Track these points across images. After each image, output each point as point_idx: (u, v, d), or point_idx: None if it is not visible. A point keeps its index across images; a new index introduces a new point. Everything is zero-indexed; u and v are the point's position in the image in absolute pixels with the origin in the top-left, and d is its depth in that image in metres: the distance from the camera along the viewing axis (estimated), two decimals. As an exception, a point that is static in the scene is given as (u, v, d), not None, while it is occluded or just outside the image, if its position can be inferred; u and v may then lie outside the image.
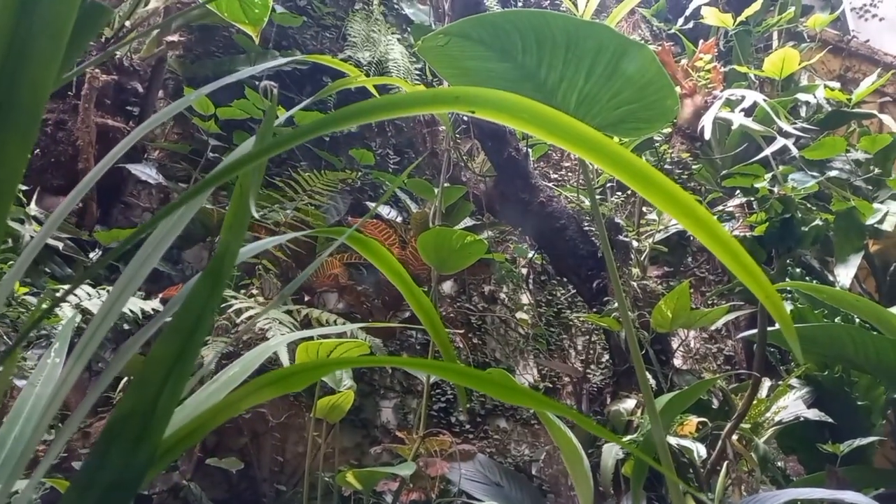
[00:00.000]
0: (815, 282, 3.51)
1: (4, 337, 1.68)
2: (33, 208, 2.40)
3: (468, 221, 3.21)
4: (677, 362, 4.35)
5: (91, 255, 2.42)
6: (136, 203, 2.95)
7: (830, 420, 2.24)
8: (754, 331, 1.99)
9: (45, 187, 2.51)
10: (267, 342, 0.95)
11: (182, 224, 0.71)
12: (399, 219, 3.18)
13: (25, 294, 1.70)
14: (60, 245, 2.37)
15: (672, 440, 1.77)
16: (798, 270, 3.66)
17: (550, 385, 3.92)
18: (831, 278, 3.67)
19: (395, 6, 4.33)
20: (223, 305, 2.05)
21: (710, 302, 4.41)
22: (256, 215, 0.64)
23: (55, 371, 1.05)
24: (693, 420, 2.08)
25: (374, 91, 1.36)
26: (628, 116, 1.58)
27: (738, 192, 3.12)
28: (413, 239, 2.59)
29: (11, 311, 1.65)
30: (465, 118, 3.22)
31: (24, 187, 2.43)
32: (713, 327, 4.48)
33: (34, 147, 2.48)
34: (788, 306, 2.94)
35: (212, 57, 3.55)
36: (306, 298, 2.78)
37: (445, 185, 2.87)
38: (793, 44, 4.57)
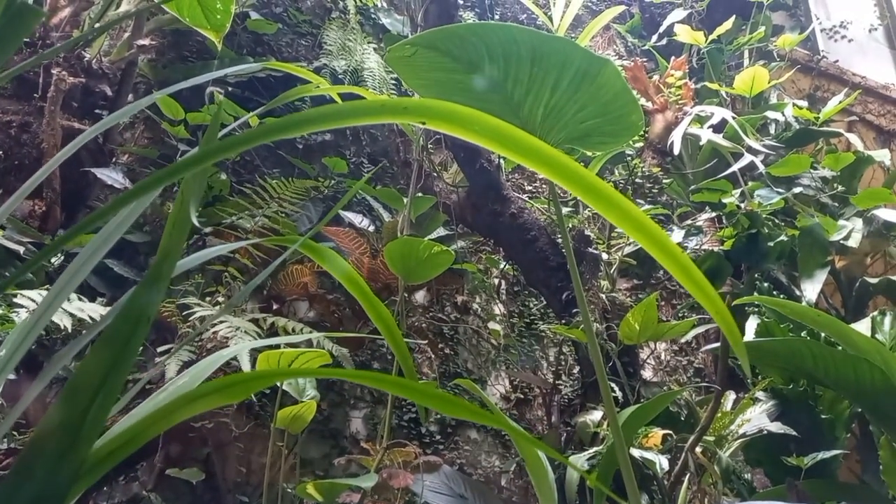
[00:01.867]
0: (782, 296, 3.56)
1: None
2: (-6, 212, 2.35)
3: (441, 231, 3.21)
4: (647, 374, 4.38)
5: (53, 259, 2.37)
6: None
7: (794, 433, 2.27)
8: (717, 344, 2.01)
9: (7, 190, 2.46)
10: (220, 351, 0.94)
11: (124, 228, 0.69)
12: (371, 228, 3.17)
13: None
14: (21, 249, 2.32)
15: (635, 452, 1.78)
16: (766, 285, 3.71)
17: (522, 396, 3.92)
18: (798, 293, 3.73)
19: (372, 16, 4.34)
20: (186, 313, 2.02)
21: (680, 314, 4.45)
22: (197, 223, 0.63)
23: None
24: (658, 432, 2.09)
25: (338, 99, 1.35)
26: (594, 130, 1.60)
27: (707, 206, 3.16)
28: (384, 248, 2.58)
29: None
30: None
31: (-15, 190, 2.38)
32: (683, 340, 4.52)
33: (-3, 149, 2.43)
34: (756, 320, 2.98)
35: (184, 62, 3.52)
36: (275, 307, 2.75)
37: (418, 194, 2.87)
38: (763, 62, 4.66)
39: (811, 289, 3.37)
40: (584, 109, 1.52)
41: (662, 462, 1.77)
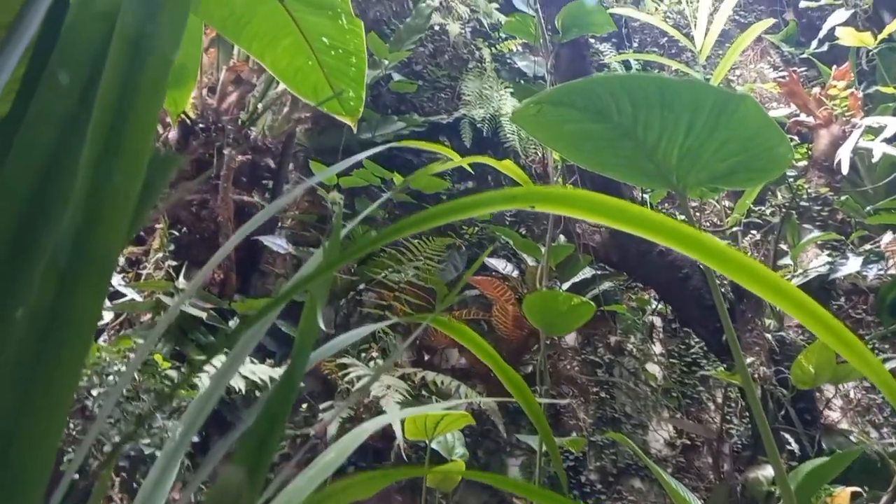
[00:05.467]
0: None
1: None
2: (181, 282, 2.65)
3: (588, 272, 3.14)
4: (835, 415, 3.94)
5: (231, 322, 2.62)
6: (271, 270, 3.18)
7: None
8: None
9: (191, 261, 2.78)
10: (363, 424, 0.99)
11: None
12: (515, 273, 3.18)
13: (167, 369, 1.88)
14: (204, 315, 2.59)
15: (817, 518, 1.60)
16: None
17: (689, 442, 3.68)
18: None
19: (508, 60, 4.42)
20: (342, 372, 2.15)
21: (870, 347, 3.97)
22: (324, 328, 0.68)
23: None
24: (845, 491, 1.88)
25: (468, 168, 1.39)
26: (738, 167, 1.51)
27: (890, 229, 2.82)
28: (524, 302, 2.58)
29: (155, 382, 1.83)
30: (575, 166, 3.19)
31: (173, 263, 2.71)
32: (876, 375, 4.01)
33: (181, 225, 2.75)
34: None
35: (336, 127, 3.79)
36: (426, 357, 2.83)
37: (563, 240, 2.84)
38: (950, 56, 4.13)
39: None
40: (723, 148, 1.44)
41: (850, 529, 1.57)
